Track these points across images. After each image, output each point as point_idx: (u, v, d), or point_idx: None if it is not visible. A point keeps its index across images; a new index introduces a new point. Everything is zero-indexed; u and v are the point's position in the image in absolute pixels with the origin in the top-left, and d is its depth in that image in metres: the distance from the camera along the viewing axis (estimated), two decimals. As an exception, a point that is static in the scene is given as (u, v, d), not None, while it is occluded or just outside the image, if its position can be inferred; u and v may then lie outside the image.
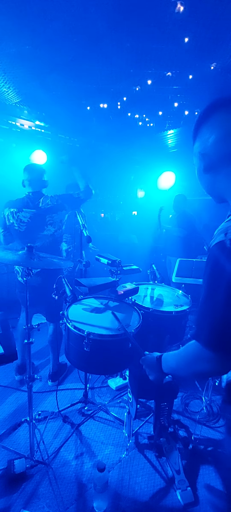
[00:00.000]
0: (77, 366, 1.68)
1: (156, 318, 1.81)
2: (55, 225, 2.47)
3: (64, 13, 2.59)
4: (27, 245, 1.73)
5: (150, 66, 3.50)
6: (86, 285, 1.80)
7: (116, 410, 2.34)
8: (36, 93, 4.12)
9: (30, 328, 1.76)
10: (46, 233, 2.43)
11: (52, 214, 2.46)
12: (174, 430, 2.04)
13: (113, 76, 3.72)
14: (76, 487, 1.73)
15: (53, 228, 2.46)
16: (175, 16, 2.59)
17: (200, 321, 0.85)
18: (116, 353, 1.54)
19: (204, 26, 2.74)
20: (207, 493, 1.72)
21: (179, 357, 0.98)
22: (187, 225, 3.97)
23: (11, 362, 2.89)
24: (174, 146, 6.43)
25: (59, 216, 2.50)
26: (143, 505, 1.65)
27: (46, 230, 2.43)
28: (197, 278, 2.28)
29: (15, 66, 3.43)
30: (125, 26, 2.78)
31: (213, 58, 3.29)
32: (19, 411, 2.31)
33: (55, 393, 2.33)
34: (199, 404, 2.43)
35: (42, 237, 2.43)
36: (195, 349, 0.87)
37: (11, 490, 1.67)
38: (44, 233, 2.43)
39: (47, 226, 2.44)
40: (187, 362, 0.92)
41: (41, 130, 5.31)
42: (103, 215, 6.86)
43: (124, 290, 1.92)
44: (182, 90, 4.07)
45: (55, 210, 2.47)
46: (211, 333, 0.80)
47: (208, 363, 0.83)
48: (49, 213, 2.45)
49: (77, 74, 3.67)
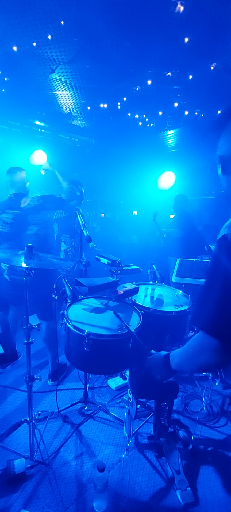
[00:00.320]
0: (77, 366, 1.68)
1: (156, 318, 1.81)
2: (38, 224, 2.53)
3: (64, 12, 2.59)
4: (27, 245, 1.73)
5: (150, 66, 3.50)
6: (87, 285, 1.80)
7: (116, 410, 2.34)
8: (37, 93, 4.13)
9: (30, 328, 1.76)
10: (29, 232, 2.50)
11: (34, 214, 2.53)
12: (174, 430, 2.04)
13: (114, 76, 3.72)
14: (76, 487, 1.72)
15: (36, 227, 2.52)
16: (175, 16, 2.59)
17: (199, 307, 0.91)
18: (116, 353, 1.54)
19: (204, 26, 2.74)
20: (207, 493, 1.72)
21: (185, 351, 1.01)
22: (186, 226, 3.96)
23: (11, 362, 2.90)
24: (174, 146, 6.43)
25: (41, 216, 2.56)
26: (143, 505, 1.65)
27: (29, 229, 2.51)
28: (197, 278, 2.28)
29: (15, 66, 3.43)
30: (125, 26, 2.79)
31: (213, 58, 3.30)
32: (19, 411, 2.31)
33: (55, 393, 2.33)
34: (199, 404, 2.43)
35: (26, 236, 2.50)
36: (200, 340, 0.91)
37: (11, 490, 1.67)
38: (27, 232, 2.50)
39: (30, 226, 2.51)
40: (193, 354, 0.95)
41: (41, 130, 5.31)
42: (103, 215, 6.86)
43: (124, 290, 1.92)
44: (182, 90, 4.08)
45: (37, 210, 2.55)
46: (211, 318, 0.85)
47: (212, 352, 0.86)
48: (31, 213, 2.52)
49: (77, 74, 3.67)
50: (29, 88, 4.00)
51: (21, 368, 2.84)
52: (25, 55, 3.20)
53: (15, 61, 3.32)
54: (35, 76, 3.71)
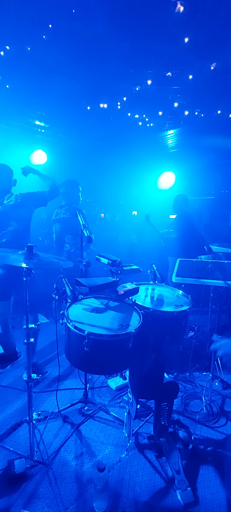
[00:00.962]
0: (78, 366, 1.68)
1: (156, 318, 1.81)
2: (19, 220, 2.63)
3: (64, 13, 2.59)
4: (27, 245, 1.73)
5: (150, 66, 3.51)
6: (87, 285, 1.80)
7: (116, 410, 2.34)
8: (37, 93, 4.12)
9: (30, 328, 1.76)
10: (10, 228, 2.62)
11: (15, 211, 2.63)
12: (174, 430, 2.04)
13: (114, 76, 3.72)
14: (76, 487, 1.72)
15: (16, 224, 2.62)
16: (175, 16, 2.59)
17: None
18: (116, 353, 1.54)
19: (204, 26, 2.74)
20: (207, 493, 1.72)
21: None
22: (185, 226, 3.93)
23: (11, 362, 2.89)
24: (174, 146, 6.43)
25: (22, 213, 2.65)
26: (143, 505, 1.65)
27: (10, 225, 2.61)
28: (197, 278, 2.28)
29: (16, 66, 3.43)
30: (124, 26, 2.79)
31: (213, 58, 3.30)
32: (19, 411, 2.31)
33: (55, 393, 2.33)
34: (199, 404, 2.43)
35: (7, 232, 2.62)
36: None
37: (11, 490, 1.67)
38: (9, 228, 2.62)
39: (10, 222, 2.61)
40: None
41: (41, 130, 5.31)
42: (103, 215, 6.86)
43: (124, 290, 1.91)
44: (182, 90, 4.08)
45: (17, 207, 2.64)
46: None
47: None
48: (12, 209, 2.63)
49: (78, 74, 3.67)
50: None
51: (21, 368, 2.84)
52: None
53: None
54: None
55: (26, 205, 2.68)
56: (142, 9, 2.55)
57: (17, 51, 3.14)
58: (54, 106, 4.59)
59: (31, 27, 2.81)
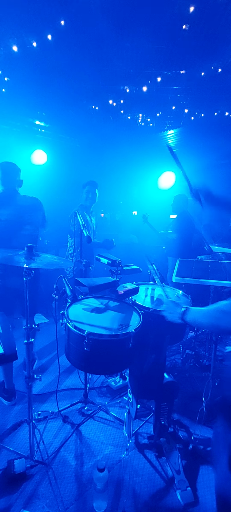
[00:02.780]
0: (78, 366, 1.68)
1: (156, 318, 1.81)
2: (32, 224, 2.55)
3: (65, 14, 2.59)
4: (27, 245, 1.73)
5: (150, 66, 3.51)
6: (87, 285, 1.80)
7: (116, 410, 2.34)
8: (37, 93, 4.12)
9: (30, 328, 1.76)
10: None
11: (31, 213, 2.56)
12: (174, 430, 2.04)
13: (114, 76, 3.72)
14: (76, 487, 1.72)
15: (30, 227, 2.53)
16: (175, 16, 2.60)
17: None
18: (116, 353, 1.54)
19: (204, 26, 2.74)
20: (207, 493, 1.72)
21: (206, 309, 1.18)
22: (184, 226, 3.91)
23: (11, 362, 2.89)
24: (174, 146, 6.42)
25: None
26: (143, 505, 1.65)
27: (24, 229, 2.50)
28: (197, 278, 2.27)
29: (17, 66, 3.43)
30: (125, 26, 2.79)
31: (213, 58, 3.30)
32: (19, 411, 2.30)
33: (55, 393, 2.33)
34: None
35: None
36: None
37: (11, 490, 1.67)
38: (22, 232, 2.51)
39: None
40: (214, 315, 1.11)
41: (41, 130, 5.31)
42: (103, 215, 6.85)
43: (124, 290, 1.92)
44: (182, 90, 4.08)
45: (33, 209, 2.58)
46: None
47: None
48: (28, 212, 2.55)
49: (78, 74, 3.67)
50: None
51: (21, 368, 2.84)
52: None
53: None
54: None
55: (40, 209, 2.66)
56: (142, 9, 2.56)
57: (17, 51, 3.14)
58: (54, 106, 4.59)
59: (31, 27, 2.82)
